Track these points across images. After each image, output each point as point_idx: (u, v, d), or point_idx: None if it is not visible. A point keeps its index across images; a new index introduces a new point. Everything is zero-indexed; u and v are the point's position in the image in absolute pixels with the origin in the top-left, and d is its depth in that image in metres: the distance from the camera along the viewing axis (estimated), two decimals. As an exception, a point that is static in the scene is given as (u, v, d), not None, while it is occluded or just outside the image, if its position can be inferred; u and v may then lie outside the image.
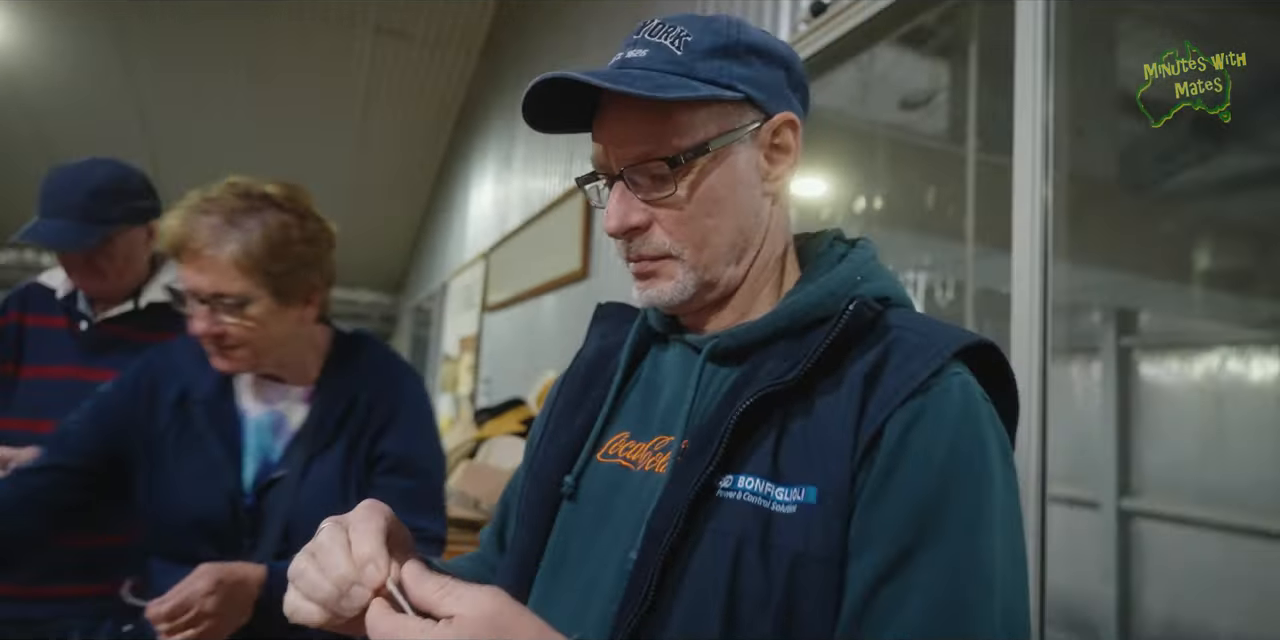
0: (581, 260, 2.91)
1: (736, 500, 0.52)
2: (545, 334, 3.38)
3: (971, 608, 0.47)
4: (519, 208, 4.13)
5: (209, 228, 0.95)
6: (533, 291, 3.53)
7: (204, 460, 1.02)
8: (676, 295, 0.59)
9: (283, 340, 1.03)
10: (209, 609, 0.84)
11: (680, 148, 0.57)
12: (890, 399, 0.51)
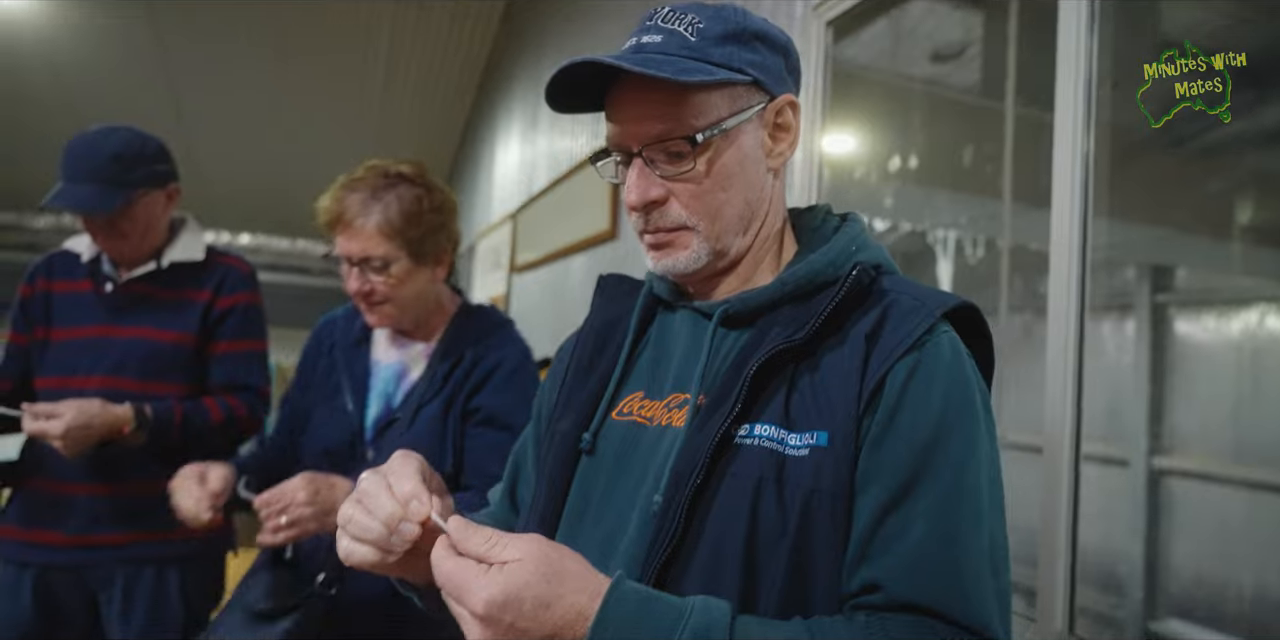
0: (610, 221, 2.92)
1: (754, 446, 0.58)
2: (574, 295, 3.40)
3: (964, 534, 0.54)
4: (546, 168, 4.12)
5: (357, 202, 1.13)
6: (561, 252, 3.55)
7: (338, 400, 1.22)
8: (691, 264, 0.65)
9: (420, 296, 1.20)
10: (300, 500, 1.02)
11: (697, 127, 0.62)
12: (890, 354, 0.57)
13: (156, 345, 1.44)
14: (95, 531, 1.41)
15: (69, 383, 1.40)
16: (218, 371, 1.49)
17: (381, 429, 1.19)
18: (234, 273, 1.54)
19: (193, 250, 1.51)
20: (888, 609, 0.53)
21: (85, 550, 1.41)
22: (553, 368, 0.80)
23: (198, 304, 1.48)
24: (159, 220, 1.48)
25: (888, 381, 0.57)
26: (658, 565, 0.56)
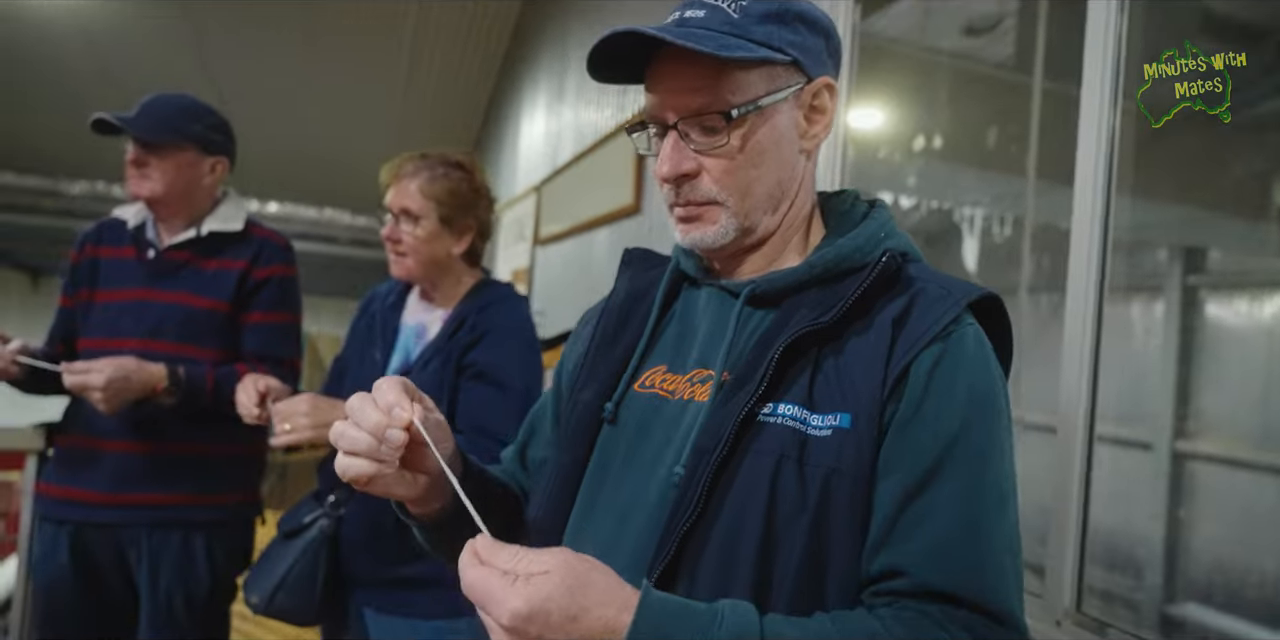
0: (634, 195, 2.91)
1: (777, 424, 0.59)
2: (598, 268, 3.41)
3: (988, 522, 0.55)
4: (571, 141, 4.11)
5: (413, 167, 1.35)
6: (585, 225, 3.55)
7: (369, 354, 1.40)
8: (719, 238, 0.66)
9: (436, 259, 1.36)
10: (301, 410, 1.19)
11: (734, 103, 0.62)
12: (917, 341, 0.58)
13: (192, 310, 1.50)
14: (126, 490, 1.47)
15: (109, 343, 1.47)
16: (250, 340, 1.54)
17: None
18: (270, 245, 1.59)
19: (232, 221, 1.56)
20: (911, 595, 0.54)
21: (117, 509, 1.47)
22: (575, 334, 0.82)
23: (233, 273, 1.53)
24: (196, 184, 1.53)
25: (913, 369, 0.58)
26: (678, 536, 0.58)
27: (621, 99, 3.30)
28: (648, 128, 0.68)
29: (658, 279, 0.74)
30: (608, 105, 3.50)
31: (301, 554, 1.30)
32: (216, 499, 1.52)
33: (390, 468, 0.59)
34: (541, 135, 4.89)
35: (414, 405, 0.58)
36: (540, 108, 5.00)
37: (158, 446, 1.47)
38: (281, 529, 1.37)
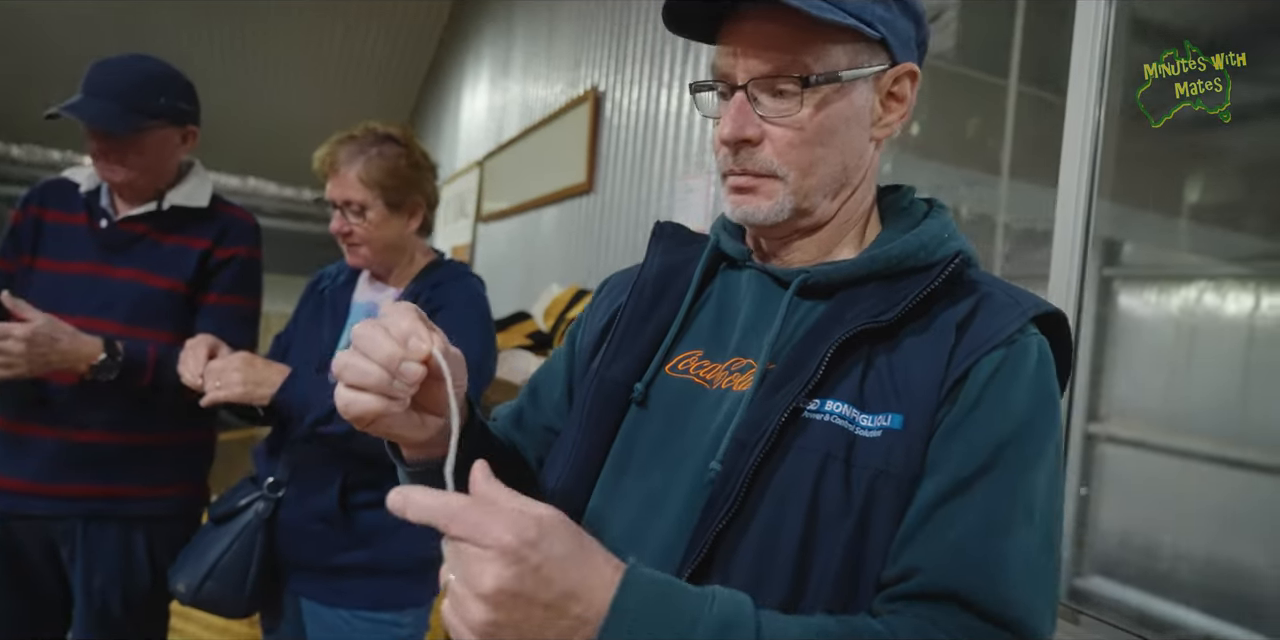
0: (587, 174, 2.89)
1: (824, 421, 0.55)
2: (545, 247, 3.39)
3: (1014, 527, 0.53)
4: (517, 116, 4.04)
5: (345, 153, 1.28)
6: (532, 203, 3.51)
7: (316, 332, 1.35)
8: (772, 215, 0.62)
9: (391, 243, 1.32)
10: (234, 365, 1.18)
11: (812, 70, 0.58)
12: (979, 346, 0.56)
13: (148, 290, 1.38)
14: (59, 479, 1.33)
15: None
16: (203, 323, 1.42)
17: None
18: (238, 224, 1.48)
19: (197, 197, 1.44)
20: (919, 595, 0.52)
21: (48, 499, 1.34)
22: (595, 301, 0.77)
23: (195, 252, 1.41)
24: (169, 159, 1.41)
25: (972, 373, 0.55)
26: (712, 535, 0.54)
27: (573, 75, 3.26)
28: (715, 88, 0.63)
29: (694, 256, 0.70)
30: (558, 80, 3.46)
31: (234, 539, 1.23)
32: (159, 491, 1.40)
33: (401, 406, 0.52)
34: (485, 109, 4.79)
35: (433, 335, 0.52)
36: (484, 81, 4.89)
37: (95, 433, 1.34)
38: (213, 513, 1.29)
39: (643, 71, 2.63)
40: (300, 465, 1.26)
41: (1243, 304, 2.56)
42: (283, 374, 1.18)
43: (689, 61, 2.35)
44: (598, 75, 3.01)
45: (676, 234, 0.74)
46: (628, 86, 2.73)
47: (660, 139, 2.47)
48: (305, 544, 1.24)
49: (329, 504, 1.22)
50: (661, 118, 2.47)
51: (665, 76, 2.48)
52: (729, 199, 0.63)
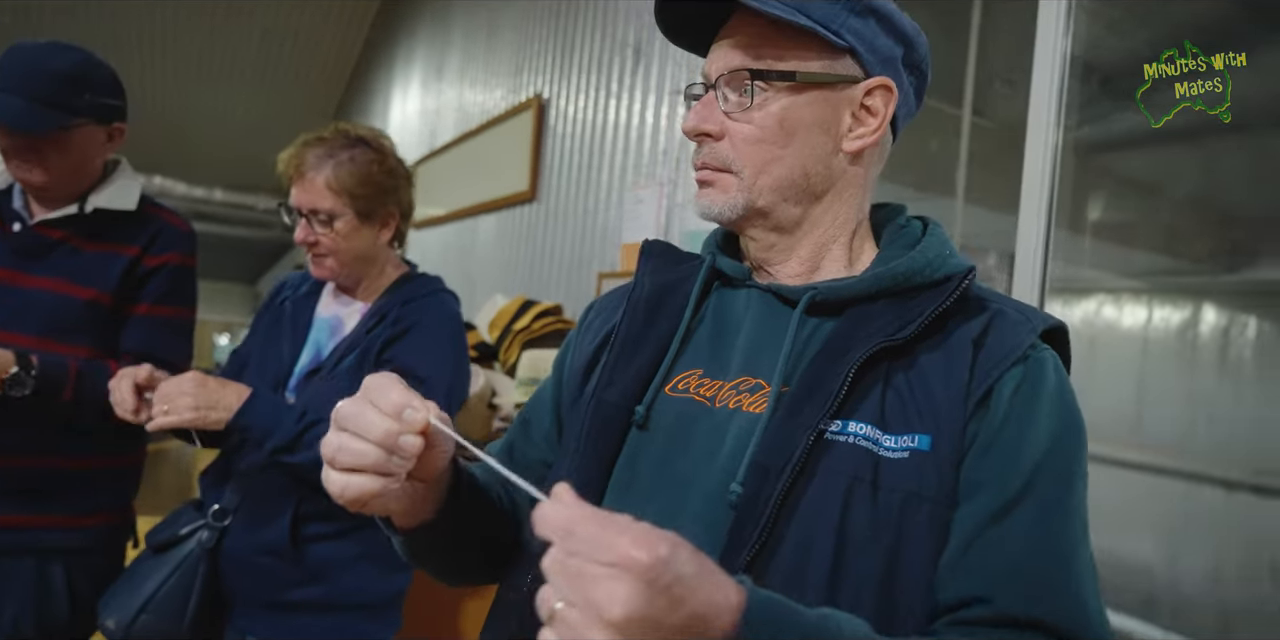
0: (530, 182, 2.84)
1: (848, 443, 0.54)
2: (484, 255, 3.31)
3: (1075, 548, 0.53)
4: (453, 121, 3.95)
5: (313, 157, 1.19)
6: (469, 210, 3.43)
7: (275, 346, 1.26)
8: (725, 210, 0.63)
9: (361, 255, 1.24)
10: (186, 389, 1.06)
11: (770, 67, 0.60)
12: (999, 363, 0.56)
13: (66, 300, 1.25)
14: None
15: None
16: (132, 337, 1.30)
17: (306, 376, 1.22)
18: (170, 230, 1.35)
19: (124, 199, 1.30)
20: (998, 623, 0.50)
21: None
22: (584, 326, 0.75)
23: (122, 259, 1.29)
24: (93, 159, 1.28)
25: (995, 391, 0.55)
26: (745, 560, 0.52)
27: (515, 81, 3.21)
28: (695, 90, 0.66)
29: (688, 275, 0.69)
30: (498, 87, 3.39)
31: (174, 570, 1.13)
32: (80, 521, 1.28)
33: (398, 482, 0.50)
34: (417, 112, 4.66)
35: (427, 403, 0.50)
36: (415, 83, 4.76)
37: (9, 457, 1.22)
38: (151, 542, 1.18)
39: (589, 81, 2.61)
40: (250, 493, 1.17)
41: (1138, 316, 2.74)
42: (240, 396, 1.08)
43: (638, 73, 2.34)
44: (541, 82, 2.96)
45: (666, 253, 0.74)
46: (574, 95, 2.70)
47: (608, 149, 2.44)
48: (253, 577, 1.15)
49: (279, 536, 1.13)
50: (610, 128, 2.45)
51: (614, 87, 2.46)
52: (696, 195, 0.66)
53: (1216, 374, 2.44)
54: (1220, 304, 2.42)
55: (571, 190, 2.63)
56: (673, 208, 2.09)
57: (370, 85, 5.97)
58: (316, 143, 1.21)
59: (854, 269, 0.67)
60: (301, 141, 1.22)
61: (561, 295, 2.59)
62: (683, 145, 2.10)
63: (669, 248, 0.75)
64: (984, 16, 1.98)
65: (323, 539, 1.15)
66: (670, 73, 2.19)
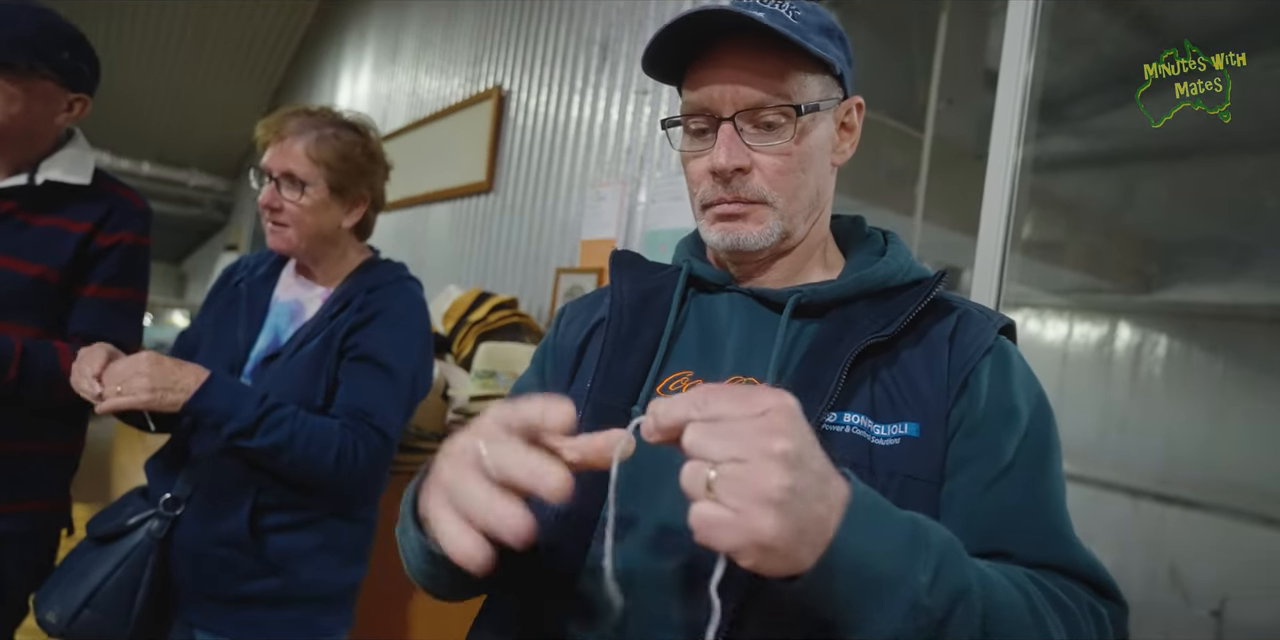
0: (487, 173, 2.82)
1: (845, 433, 0.58)
2: (436, 245, 3.26)
3: (1058, 505, 0.59)
4: (405, 106, 3.88)
5: (297, 124, 1.18)
6: (420, 198, 3.37)
7: (230, 329, 1.23)
8: (762, 240, 0.66)
9: (322, 232, 1.21)
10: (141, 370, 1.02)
11: (794, 101, 0.63)
12: (972, 355, 0.62)
13: (12, 276, 1.18)
14: None
15: None
16: (81, 318, 1.24)
17: (264, 362, 1.18)
18: (125, 206, 1.28)
19: (78, 172, 1.24)
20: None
21: None
22: (559, 331, 0.76)
23: (73, 236, 1.22)
24: (48, 121, 1.21)
25: (972, 380, 0.61)
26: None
27: (475, 71, 3.17)
28: (689, 122, 0.66)
29: (665, 281, 0.72)
30: (456, 74, 3.34)
31: (121, 562, 1.08)
32: (14, 506, 1.22)
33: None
34: (367, 95, 4.54)
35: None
36: (367, 65, 4.64)
37: None
38: (94, 532, 1.13)
39: (553, 75, 2.61)
40: (206, 481, 1.13)
41: (1059, 331, 2.90)
42: (198, 378, 1.05)
43: (604, 71, 2.35)
44: (502, 74, 2.94)
45: (636, 262, 0.76)
46: (536, 88, 2.69)
47: (570, 145, 2.45)
48: (206, 570, 1.11)
49: (237, 526, 1.10)
50: (572, 124, 2.45)
51: (578, 83, 2.46)
52: (715, 227, 0.67)
53: (1129, 388, 2.61)
54: (1135, 323, 2.59)
55: (530, 184, 2.62)
56: (634, 206, 2.12)
57: (317, 62, 5.79)
58: (304, 114, 1.19)
59: (831, 273, 0.71)
60: (287, 110, 1.20)
61: (517, 288, 2.58)
62: (647, 144, 2.12)
63: (636, 257, 0.77)
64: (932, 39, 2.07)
65: (282, 530, 1.13)
66: (636, 72, 2.22)
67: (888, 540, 0.44)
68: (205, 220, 8.87)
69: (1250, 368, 2.26)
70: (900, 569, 0.43)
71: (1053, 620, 0.50)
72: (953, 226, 2.65)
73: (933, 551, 0.45)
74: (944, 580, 0.45)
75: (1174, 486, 2.23)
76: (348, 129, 1.21)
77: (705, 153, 0.66)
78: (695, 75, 0.65)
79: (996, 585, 0.48)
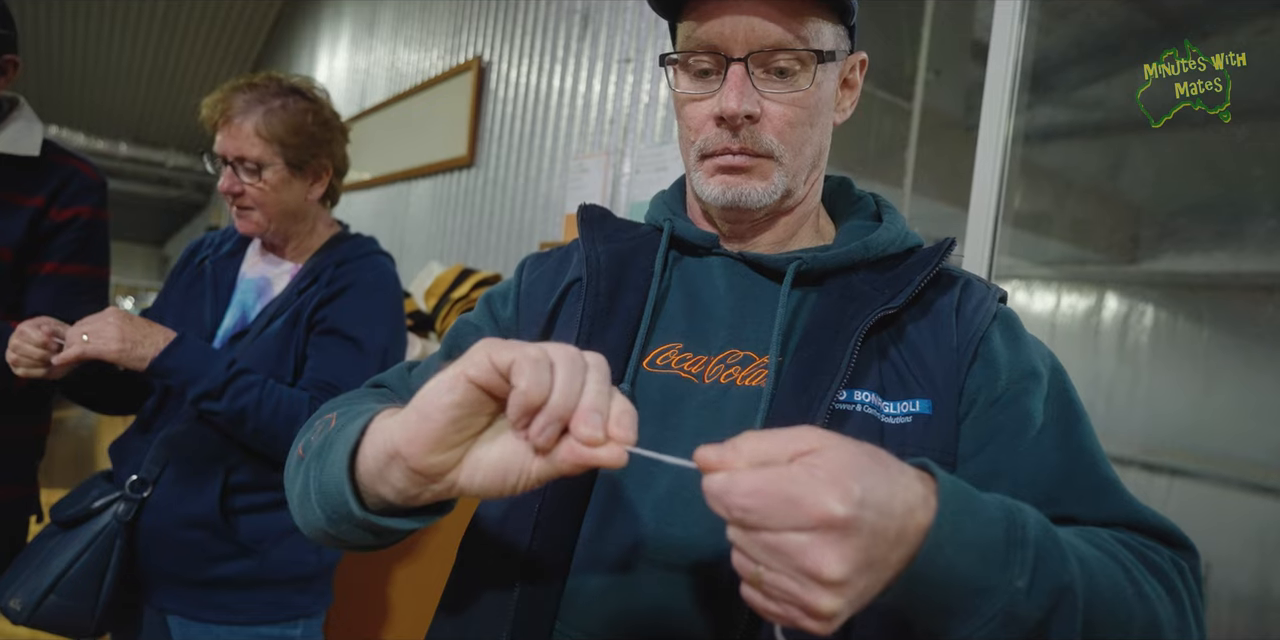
0: (468, 147, 2.76)
1: (856, 412, 0.54)
2: (418, 221, 3.21)
3: (1102, 459, 0.56)
4: (385, 80, 3.79)
5: (242, 102, 1.12)
6: (400, 175, 3.32)
7: (195, 308, 1.19)
8: (764, 198, 0.60)
9: (289, 209, 1.17)
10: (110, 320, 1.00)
11: (815, 48, 0.57)
12: (978, 327, 0.58)
13: None
14: None
15: None
16: (39, 298, 1.19)
17: (231, 340, 1.15)
18: (79, 178, 1.23)
19: (24, 143, 1.18)
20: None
21: None
22: (527, 288, 0.69)
23: (25, 211, 1.17)
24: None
25: (983, 347, 0.57)
26: None
27: (454, 42, 3.10)
28: (689, 60, 0.59)
29: (643, 242, 0.65)
30: (435, 47, 3.27)
31: (86, 547, 1.05)
32: None
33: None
34: (345, 70, 4.45)
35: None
36: (344, 38, 4.54)
37: None
38: (58, 517, 1.10)
39: (534, 45, 2.54)
40: (174, 462, 1.09)
41: (1047, 302, 2.90)
42: (167, 337, 1.02)
43: (585, 39, 2.29)
44: (482, 44, 2.87)
45: (606, 218, 0.69)
46: (516, 59, 2.63)
47: (552, 116, 2.40)
48: (175, 553, 1.08)
49: (207, 508, 1.07)
50: (555, 95, 2.40)
51: (559, 52, 2.41)
52: (715, 180, 0.60)
53: (1116, 358, 2.62)
54: (1121, 293, 2.59)
55: (513, 157, 2.57)
56: (619, 177, 2.08)
57: (294, 37, 5.67)
58: (246, 88, 1.13)
59: (822, 238, 0.67)
60: (229, 86, 1.14)
61: (501, 265, 2.55)
62: (630, 115, 2.08)
63: (607, 212, 0.71)
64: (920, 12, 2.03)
65: (254, 511, 1.10)
66: (620, 41, 2.16)
67: (979, 546, 0.39)
68: (185, 201, 8.73)
69: (1236, 336, 2.27)
70: (993, 577, 0.39)
71: (1151, 586, 0.47)
72: (941, 197, 2.63)
73: (1029, 549, 0.41)
74: (1043, 578, 0.40)
75: (1160, 455, 2.25)
76: (295, 96, 1.15)
77: (709, 96, 0.59)
78: (702, 7, 0.57)
79: (1093, 563, 0.44)
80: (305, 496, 0.51)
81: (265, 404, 1.03)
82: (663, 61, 0.62)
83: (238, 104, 1.12)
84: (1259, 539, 1.94)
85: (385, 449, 0.42)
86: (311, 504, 0.49)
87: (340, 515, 0.47)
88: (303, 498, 0.51)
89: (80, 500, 1.10)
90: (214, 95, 1.14)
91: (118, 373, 1.13)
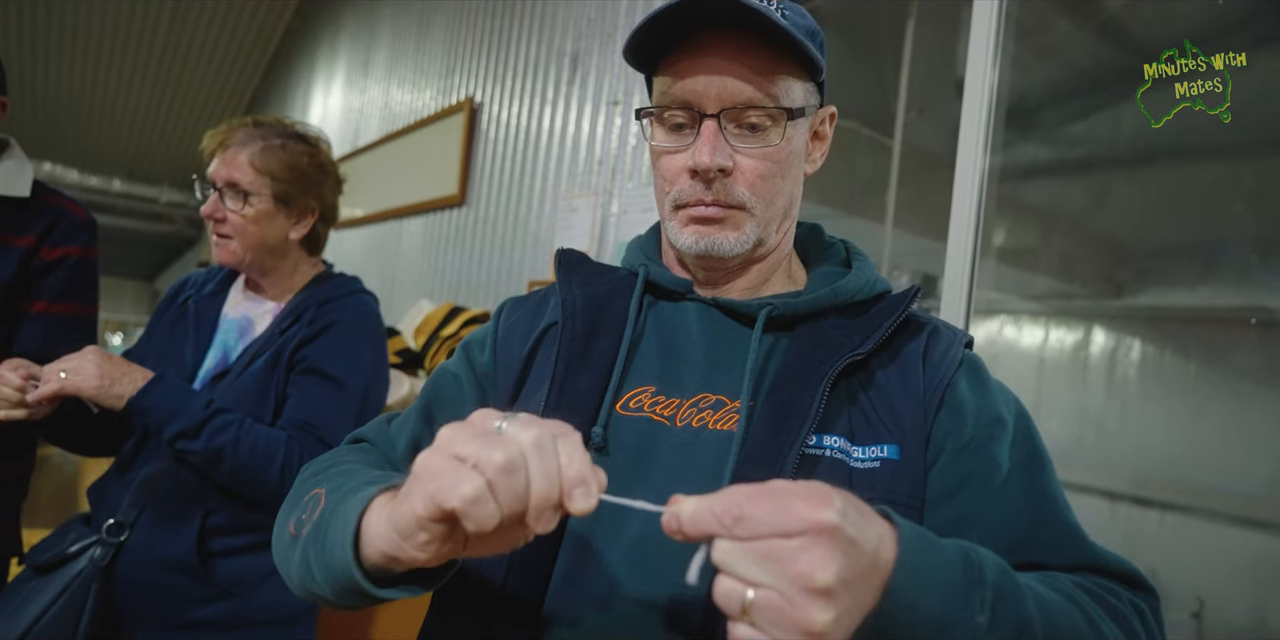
0: (459, 186, 2.79)
1: (826, 457, 0.54)
2: (409, 259, 3.23)
3: (1064, 506, 0.57)
4: (378, 119, 3.85)
5: (244, 135, 1.15)
6: (393, 212, 3.34)
7: (176, 348, 1.19)
8: (737, 247, 0.61)
9: (267, 244, 1.17)
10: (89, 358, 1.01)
11: (785, 106, 0.59)
12: (944, 373, 0.59)
13: None
14: None
15: None
16: (29, 337, 1.19)
17: (213, 380, 1.15)
18: (69, 219, 1.23)
19: (15, 183, 1.19)
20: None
21: None
22: (501, 336, 0.70)
23: (15, 251, 1.17)
24: None
25: (949, 394, 0.58)
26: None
27: (446, 83, 3.15)
28: (664, 115, 0.61)
29: (619, 286, 0.66)
30: (427, 87, 3.32)
31: (62, 592, 1.03)
32: None
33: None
34: (339, 109, 4.51)
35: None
36: (339, 78, 4.61)
37: None
38: (34, 561, 1.08)
39: (524, 86, 2.59)
40: (151, 506, 1.08)
41: (1035, 337, 2.92)
42: (145, 376, 1.02)
43: (575, 82, 2.34)
44: (474, 85, 2.93)
45: (584, 263, 0.71)
46: (508, 100, 2.68)
47: (542, 157, 2.43)
48: (153, 597, 1.06)
49: (184, 551, 1.05)
50: (544, 135, 2.44)
51: (549, 94, 2.45)
52: (689, 230, 0.62)
53: (1104, 392, 2.63)
54: (1108, 327, 2.61)
55: (503, 196, 2.60)
56: (607, 217, 2.10)
57: (289, 77, 5.75)
58: (252, 125, 1.17)
59: (794, 284, 0.68)
60: (236, 121, 1.17)
61: (490, 302, 2.56)
62: (618, 156, 2.11)
63: (584, 257, 0.72)
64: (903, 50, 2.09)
65: (232, 553, 1.09)
66: (608, 84, 2.21)
67: (939, 585, 0.41)
68: (177, 237, 8.75)
69: (1222, 369, 2.29)
70: (955, 615, 0.41)
71: (1108, 627, 0.48)
72: (925, 234, 2.67)
73: (988, 588, 0.43)
74: (1002, 616, 0.42)
75: (1151, 489, 2.24)
76: (296, 140, 1.18)
77: (683, 149, 0.61)
78: (678, 64, 0.60)
79: (1051, 604, 0.46)
80: (307, 574, 0.51)
81: (243, 443, 1.02)
82: (638, 115, 0.64)
83: (239, 136, 1.15)
84: (1251, 572, 1.93)
85: (383, 551, 0.44)
86: (317, 582, 0.50)
87: (349, 591, 0.48)
88: (303, 573, 0.52)
89: (56, 544, 1.08)
90: (219, 127, 1.17)
91: (96, 414, 1.13)
